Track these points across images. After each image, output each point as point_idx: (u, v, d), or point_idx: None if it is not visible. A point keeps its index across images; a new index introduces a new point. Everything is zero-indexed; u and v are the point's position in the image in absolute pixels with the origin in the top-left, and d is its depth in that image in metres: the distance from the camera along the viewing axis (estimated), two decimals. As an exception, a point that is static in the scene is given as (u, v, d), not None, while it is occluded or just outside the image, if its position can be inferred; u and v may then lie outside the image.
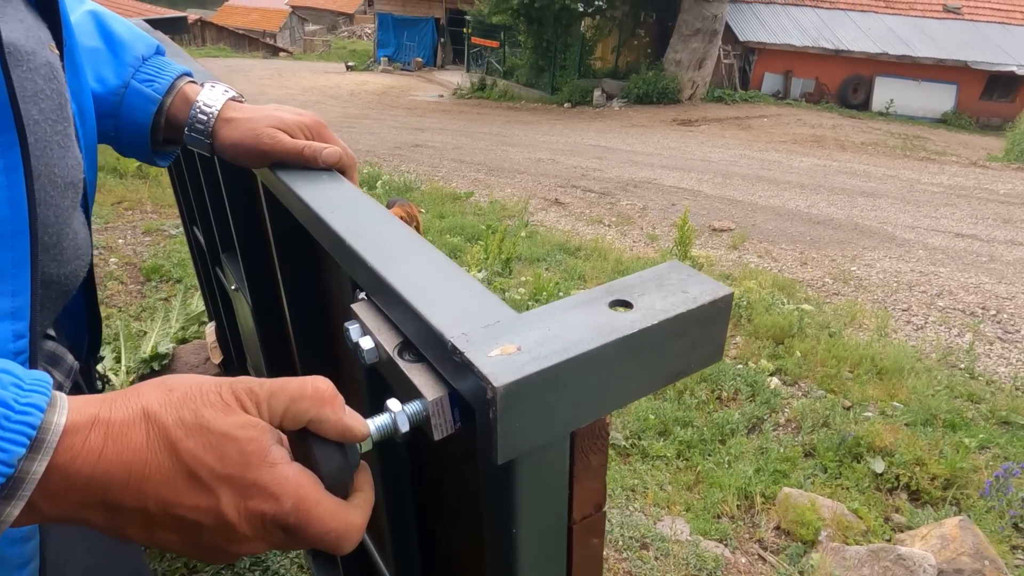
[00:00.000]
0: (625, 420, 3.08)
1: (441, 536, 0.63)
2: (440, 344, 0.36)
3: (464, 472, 0.49)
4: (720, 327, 0.39)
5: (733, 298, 0.40)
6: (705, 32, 16.20)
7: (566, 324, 0.36)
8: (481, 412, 0.33)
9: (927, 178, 9.71)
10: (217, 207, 1.24)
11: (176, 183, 2.02)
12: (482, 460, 0.34)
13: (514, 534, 0.36)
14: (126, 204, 5.09)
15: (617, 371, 0.36)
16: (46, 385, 0.36)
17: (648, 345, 0.36)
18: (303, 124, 0.72)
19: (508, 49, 20.20)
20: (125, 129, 0.75)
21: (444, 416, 0.38)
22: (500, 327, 0.36)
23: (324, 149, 0.68)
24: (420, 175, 7.97)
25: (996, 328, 4.49)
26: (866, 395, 3.42)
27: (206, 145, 0.74)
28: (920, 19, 18.83)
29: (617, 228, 6.43)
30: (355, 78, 22.31)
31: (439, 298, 0.39)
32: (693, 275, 0.40)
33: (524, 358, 0.33)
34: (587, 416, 0.36)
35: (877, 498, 2.73)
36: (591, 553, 0.41)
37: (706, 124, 14.06)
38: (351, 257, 0.47)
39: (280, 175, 0.64)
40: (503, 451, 0.32)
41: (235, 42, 32.77)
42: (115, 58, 0.72)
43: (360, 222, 0.51)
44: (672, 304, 0.37)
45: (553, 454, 0.36)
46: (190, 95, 0.75)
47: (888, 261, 5.76)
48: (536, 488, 0.36)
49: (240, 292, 1.33)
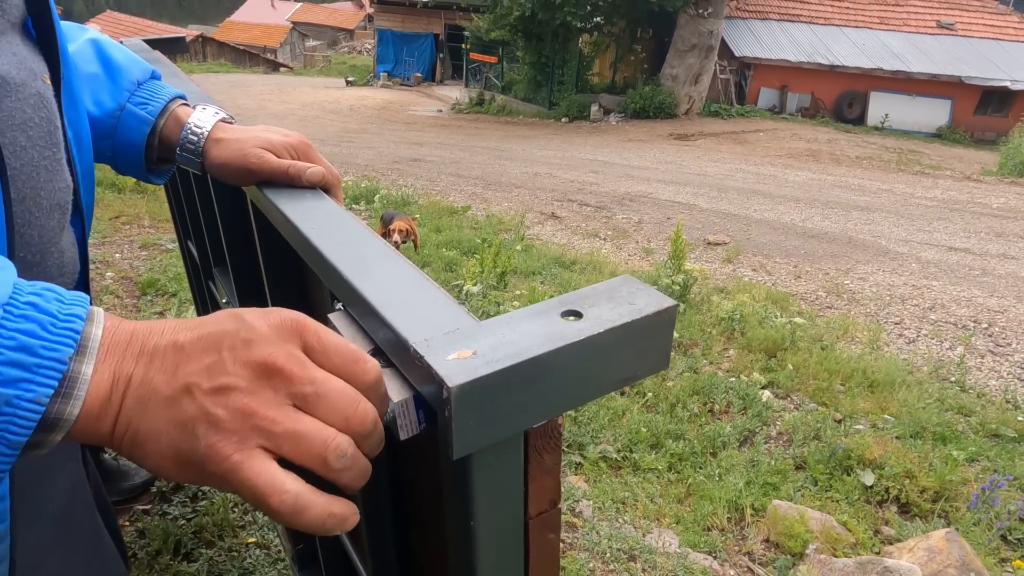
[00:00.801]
0: (617, 433, 3.10)
1: (414, 537, 0.66)
2: (405, 349, 0.39)
3: (431, 473, 0.52)
4: (665, 336, 0.42)
5: (676, 311, 0.43)
6: (701, 48, 16.37)
7: (520, 331, 0.39)
8: (440, 411, 0.36)
9: (921, 192, 9.78)
10: (210, 222, 1.27)
11: (172, 199, 2.06)
12: (443, 457, 0.38)
13: (472, 527, 0.39)
14: (124, 219, 5.12)
15: (567, 375, 0.39)
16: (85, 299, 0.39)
17: (596, 351, 0.39)
18: (289, 144, 0.76)
19: (506, 64, 20.38)
20: (121, 149, 0.79)
21: (409, 417, 0.41)
22: (459, 334, 0.39)
23: (308, 169, 0.72)
24: (418, 189, 8.03)
25: (987, 341, 4.52)
26: (857, 408, 3.45)
27: (197, 164, 0.78)
28: (914, 35, 19.05)
29: (613, 242, 6.47)
30: (355, 93, 22.45)
31: (406, 308, 0.42)
32: (642, 288, 0.44)
33: (478, 361, 0.36)
34: (539, 416, 0.39)
35: (867, 511, 2.75)
36: (548, 548, 0.44)
37: (702, 138, 14.16)
38: (329, 270, 0.50)
39: (267, 193, 0.68)
40: (458, 447, 0.36)
41: (236, 57, 33.00)
42: (112, 83, 0.76)
43: (339, 238, 0.54)
44: (619, 314, 0.41)
45: (507, 452, 0.39)
46: (182, 117, 0.79)
47: (881, 275, 5.81)
48: (492, 483, 0.39)
49: (231, 305, 1.37)
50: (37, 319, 0.36)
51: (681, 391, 3.46)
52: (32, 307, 0.37)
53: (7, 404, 0.35)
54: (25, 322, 0.36)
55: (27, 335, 0.36)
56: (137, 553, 1.97)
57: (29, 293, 0.37)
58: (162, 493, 2.21)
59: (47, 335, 0.36)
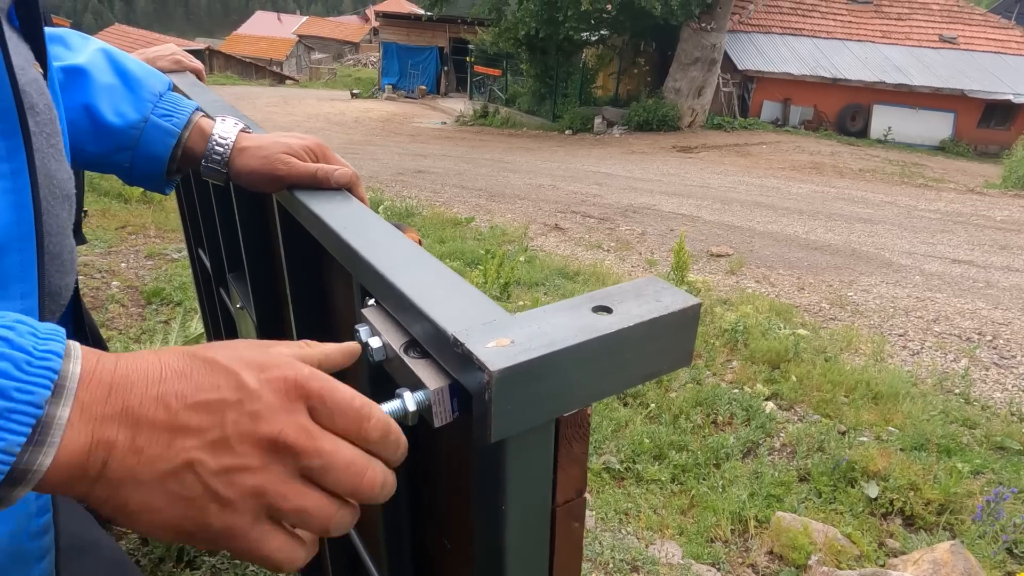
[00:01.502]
0: (620, 444, 3.11)
1: (429, 531, 0.67)
2: (443, 340, 0.41)
3: (455, 464, 0.54)
4: (689, 333, 0.44)
5: (700, 309, 0.45)
6: (704, 61, 16.47)
7: (553, 324, 0.41)
8: (478, 396, 0.38)
9: (924, 204, 9.80)
10: (227, 229, 1.30)
11: (184, 208, 2.09)
12: (476, 442, 0.39)
13: (503, 511, 0.41)
14: (130, 228, 5.16)
15: (597, 366, 0.41)
16: (61, 333, 0.37)
17: (625, 345, 0.41)
18: (308, 147, 0.78)
19: (510, 77, 20.53)
20: (141, 161, 0.80)
21: (444, 405, 0.43)
22: (496, 324, 0.41)
23: (336, 171, 0.74)
24: (422, 200, 8.07)
25: (992, 354, 4.53)
26: (861, 420, 3.45)
27: (222, 175, 0.80)
28: (916, 49, 19.15)
29: (616, 253, 6.50)
30: (360, 105, 22.60)
31: (443, 301, 0.45)
32: (667, 287, 0.46)
33: (516, 349, 0.38)
34: (570, 405, 0.41)
35: (871, 523, 2.75)
36: (572, 536, 0.46)
37: (705, 151, 14.22)
38: (364, 267, 0.52)
39: (299, 196, 0.71)
40: (496, 430, 0.37)
41: (242, 70, 33.26)
42: (132, 93, 0.77)
43: (371, 236, 0.57)
44: (647, 310, 0.43)
45: (539, 438, 0.41)
46: (206, 128, 0.80)
47: (885, 287, 5.82)
48: (524, 469, 0.41)
49: (245, 310, 1.39)
50: (11, 356, 0.33)
51: (684, 402, 3.47)
52: (5, 342, 0.34)
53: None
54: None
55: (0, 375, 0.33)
56: (141, 560, 1.98)
57: (1, 327, 0.34)
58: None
59: (21, 375, 0.33)
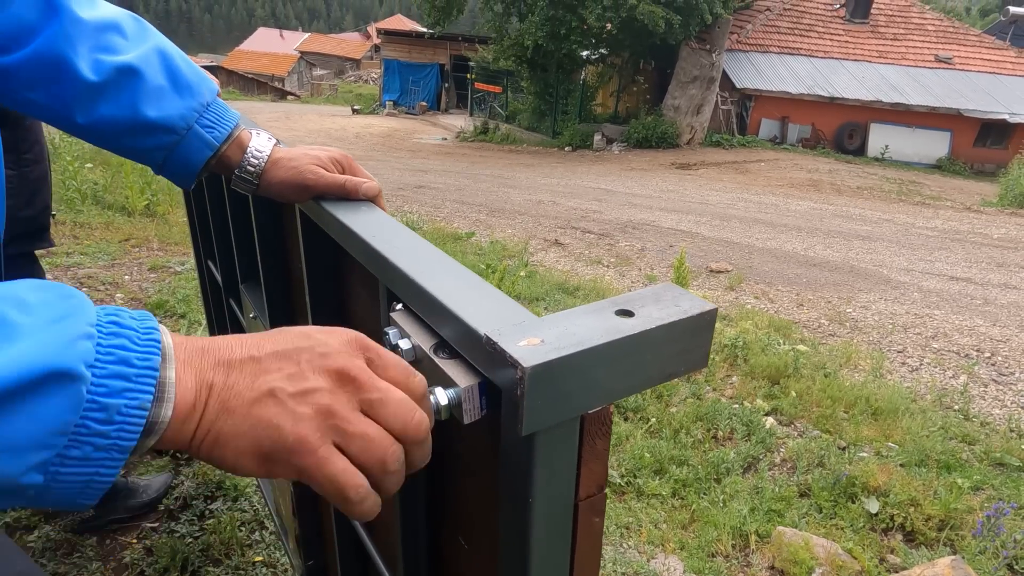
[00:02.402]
0: (621, 458, 3.11)
1: (445, 534, 0.69)
2: (475, 340, 0.44)
3: (476, 462, 0.56)
4: (705, 336, 0.47)
5: (717, 314, 0.47)
6: (703, 79, 16.64)
7: (580, 325, 0.43)
8: (509, 393, 0.40)
9: (922, 222, 9.87)
10: (242, 240, 1.32)
11: (195, 220, 2.11)
12: (505, 437, 0.42)
13: (530, 504, 0.43)
14: (133, 241, 5.18)
15: (620, 366, 0.43)
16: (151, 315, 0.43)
17: (646, 346, 0.44)
18: (334, 158, 0.82)
19: (511, 94, 20.70)
20: (173, 163, 0.82)
21: (473, 402, 0.45)
22: (525, 325, 0.43)
23: (363, 183, 0.78)
24: (423, 215, 8.11)
25: (991, 370, 4.55)
26: (861, 435, 3.46)
27: (252, 186, 0.83)
28: (913, 68, 19.36)
29: (616, 269, 6.53)
30: (361, 121, 22.74)
31: (472, 304, 0.47)
32: (684, 294, 0.48)
33: (546, 348, 0.40)
34: (595, 402, 0.44)
35: (872, 538, 2.75)
36: (593, 531, 0.48)
37: (704, 168, 14.31)
38: (392, 272, 0.55)
39: (326, 207, 0.73)
40: (527, 424, 0.40)
41: (244, 85, 33.49)
42: (180, 99, 0.79)
43: (397, 244, 0.59)
44: (667, 314, 0.45)
45: (566, 433, 0.44)
46: (244, 141, 0.83)
47: (883, 303, 5.85)
48: (550, 462, 0.43)
49: (259, 320, 1.41)
50: (125, 334, 0.40)
51: (684, 417, 3.48)
52: (115, 324, 0.40)
53: (117, 413, 0.38)
54: (116, 337, 0.39)
55: (121, 349, 0.39)
56: (145, 571, 1.98)
57: (107, 313, 0.41)
58: (169, 511, 2.23)
59: (136, 347, 0.39)
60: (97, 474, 0.38)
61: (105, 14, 0.77)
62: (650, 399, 3.65)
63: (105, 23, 0.76)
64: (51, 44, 0.71)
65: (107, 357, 0.38)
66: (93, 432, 0.37)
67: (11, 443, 0.35)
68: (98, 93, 0.74)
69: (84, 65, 0.73)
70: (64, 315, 0.38)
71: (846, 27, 20.65)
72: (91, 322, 0.39)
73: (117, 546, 2.07)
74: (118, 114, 0.76)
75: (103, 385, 0.37)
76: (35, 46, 0.71)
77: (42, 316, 0.37)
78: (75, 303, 0.39)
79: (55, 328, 0.37)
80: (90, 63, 0.73)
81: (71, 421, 0.36)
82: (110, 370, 0.38)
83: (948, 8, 49.14)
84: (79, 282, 4.15)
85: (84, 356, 0.37)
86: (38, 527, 2.07)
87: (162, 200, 6.22)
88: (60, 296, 0.40)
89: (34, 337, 0.36)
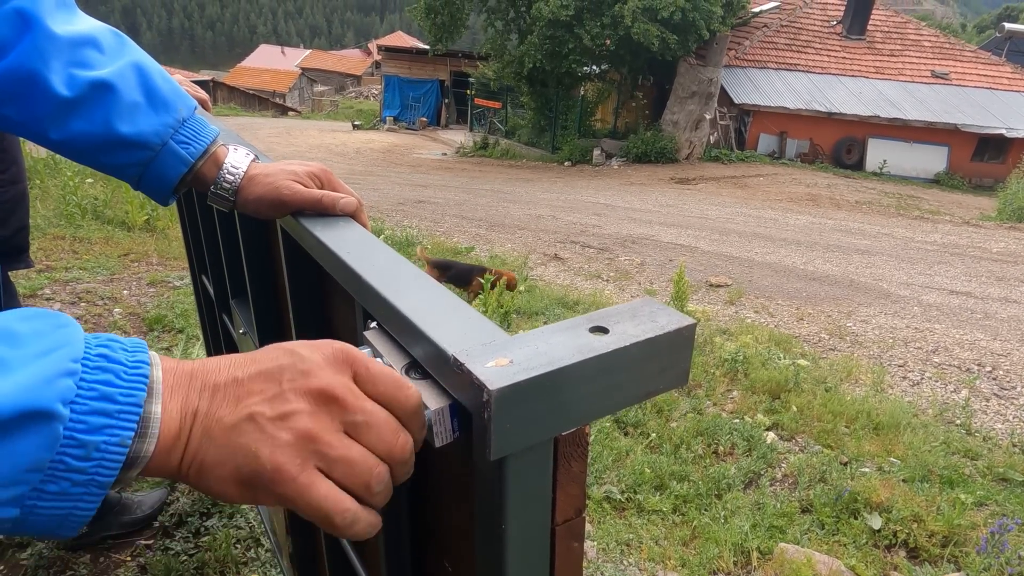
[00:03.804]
0: (621, 474, 3.08)
1: (429, 552, 0.67)
2: (443, 360, 0.42)
3: (455, 485, 0.54)
4: (684, 353, 0.45)
5: (696, 329, 0.46)
6: (701, 95, 16.74)
7: (551, 343, 0.42)
8: (478, 416, 0.39)
9: (921, 236, 9.86)
10: (231, 255, 1.31)
11: (188, 234, 2.11)
12: (477, 461, 0.40)
13: (503, 530, 0.41)
14: (132, 256, 5.18)
15: (594, 385, 0.42)
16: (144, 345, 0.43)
17: (621, 364, 0.42)
18: (312, 173, 0.81)
19: (510, 110, 20.82)
20: (149, 179, 0.81)
21: (444, 425, 0.44)
22: (495, 345, 0.42)
23: (341, 199, 0.76)
24: (423, 230, 8.12)
25: (992, 384, 4.52)
26: (863, 450, 3.43)
27: (229, 203, 0.82)
28: (910, 84, 19.47)
29: (615, 283, 6.52)
30: (361, 136, 22.86)
31: (443, 323, 0.45)
32: (662, 308, 0.47)
33: (515, 369, 0.39)
34: (569, 423, 0.42)
35: (875, 555, 2.72)
36: (572, 556, 0.46)
37: (703, 182, 14.35)
38: (366, 291, 0.53)
39: (303, 223, 0.72)
40: (496, 448, 0.38)
41: (245, 101, 33.71)
42: (155, 115, 0.78)
43: (372, 261, 0.58)
44: (643, 330, 0.44)
45: (539, 456, 0.42)
46: (219, 158, 0.82)
47: (883, 317, 5.83)
48: (524, 487, 0.41)
49: (248, 336, 1.39)
50: (111, 368, 0.39)
51: (685, 432, 3.45)
52: (103, 358, 0.40)
53: (96, 450, 0.37)
54: (101, 373, 0.39)
55: (105, 384, 0.39)
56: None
57: (97, 345, 0.40)
58: (164, 528, 2.21)
59: (122, 382, 0.39)
60: (76, 508, 0.38)
61: (82, 29, 0.76)
62: (650, 414, 3.62)
63: (82, 38, 0.75)
64: (23, 59, 0.70)
65: (89, 393, 0.38)
66: (70, 468, 0.37)
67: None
68: (71, 109, 0.73)
69: (57, 80, 0.72)
70: (51, 348, 0.38)
71: (843, 43, 20.78)
72: (76, 357, 0.38)
73: (111, 564, 2.05)
74: (91, 130, 0.75)
75: (82, 422, 0.37)
76: (7, 62, 0.70)
77: (29, 349, 0.37)
78: (65, 334, 0.39)
79: (39, 364, 0.37)
80: (64, 78, 0.72)
81: (45, 459, 0.36)
82: (91, 406, 0.38)
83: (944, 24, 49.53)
84: (78, 296, 4.14)
85: (63, 394, 0.37)
86: (31, 544, 2.04)
87: (161, 215, 6.22)
88: (52, 326, 0.39)
89: (15, 374, 0.36)
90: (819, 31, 21.13)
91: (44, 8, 0.72)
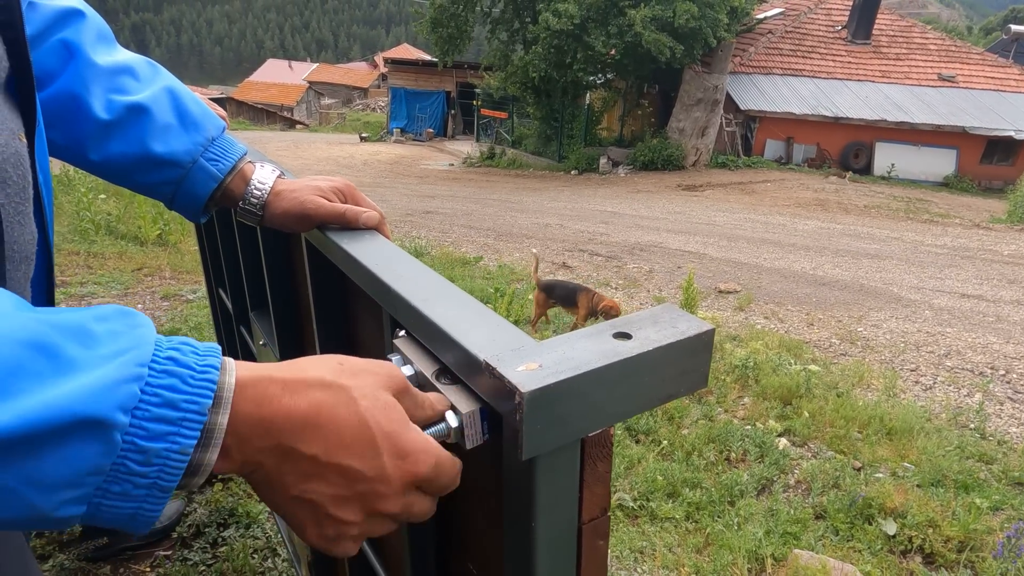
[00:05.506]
0: (633, 481, 3.09)
1: (454, 560, 0.69)
2: (475, 366, 0.44)
3: (483, 487, 0.56)
4: (704, 357, 0.47)
5: (714, 334, 0.48)
6: (707, 102, 16.76)
7: (578, 349, 0.44)
8: (509, 418, 0.41)
9: (931, 240, 9.82)
10: (252, 268, 1.34)
11: (205, 250, 2.14)
12: (507, 462, 0.42)
13: (533, 528, 0.44)
14: (146, 271, 5.24)
15: (619, 388, 0.44)
16: (217, 350, 0.43)
17: (644, 368, 0.44)
18: (336, 188, 0.84)
19: (516, 119, 20.89)
20: (182, 196, 0.86)
21: (475, 428, 0.46)
22: (524, 351, 0.44)
23: (363, 213, 0.80)
24: (431, 240, 8.16)
25: (1006, 388, 4.49)
26: (876, 456, 3.42)
27: (257, 217, 0.85)
28: (916, 87, 19.41)
29: (624, 291, 6.53)
30: (368, 148, 22.99)
31: (473, 330, 0.48)
32: (682, 314, 0.49)
33: (544, 373, 0.41)
34: (595, 425, 0.44)
35: (890, 561, 2.71)
36: (598, 554, 0.48)
37: (710, 189, 14.35)
38: (395, 300, 0.56)
39: (330, 236, 0.75)
40: (527, 449, 0.40)
41: (254, 115, 34.00)
42: (186, 135, 0.83)
43: (400, 271, 0.60)
44: (664, 336, 0.46)
45: (567, 457, 0.44)
46: (247, 174, 0.86)
47: (895, 321, 5.81)
48: (552, 487, 0.44)
49: (268, 347, 1.42)
50: (177, 373, 0.40)
51: (697, 439, 3.45)
52: (172, 362, 0.40)
53: (156, 456, 0.38)
54: (167, 377, 0.39)
55: (169, 390, 0.39)
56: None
57: (168, 348, 0.41)
58: (182, 539, 2.23)
59: (187, 388, 0.39)
60: (141, 508, 0.39)
61: (120, 59, 0.83)
62: (661, 421, 3.63)
63: (119, 67, 0.81)
64: (68, 86, 0.77)
65: (153, 399, 0.38)
66: (132, 472, 0.38)
67: (40, 480, 0.35)
68: (110, 131, 0.79)
69: (97, 104, 0.78)
70: (121, 350, 0.38)
71: (848, 48, 20.78)
72: (144, 360, 0.39)
73: (130, 574, 2.07)
74: (128, 150, 0.80)
75: (143, 428, 0.38)
76: (54, 87, 0.76)
77: (101, 351, 0.38)
78: (137, 336, 0.40)
79: (106, 367, 0.37)
80: (103, 103, 0.78)
81: (105, 464, 0.37)
82: (153, 413, 0.38)
83: (950, 27, 49.41)
84: (91, 312, 4.19)
85: (125, 400, 0.37)
86: (52, 556, 2.07)
87: (174, 229, 6.29)
88: (128, 326, 0.40)
89: (81, 377, 0.36)
90: (824, 36, 21.14)
91: (86, 40, 0.79)
